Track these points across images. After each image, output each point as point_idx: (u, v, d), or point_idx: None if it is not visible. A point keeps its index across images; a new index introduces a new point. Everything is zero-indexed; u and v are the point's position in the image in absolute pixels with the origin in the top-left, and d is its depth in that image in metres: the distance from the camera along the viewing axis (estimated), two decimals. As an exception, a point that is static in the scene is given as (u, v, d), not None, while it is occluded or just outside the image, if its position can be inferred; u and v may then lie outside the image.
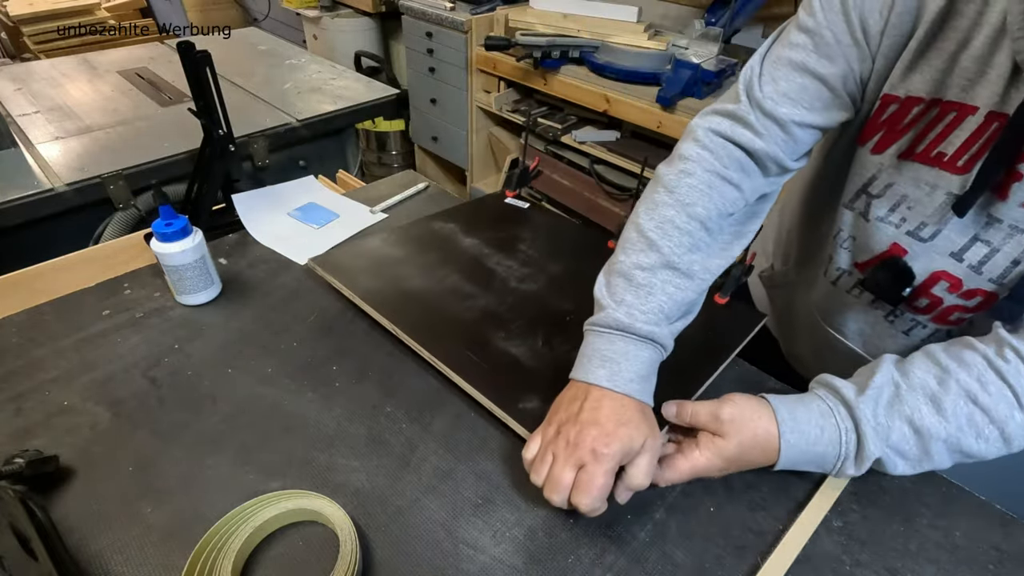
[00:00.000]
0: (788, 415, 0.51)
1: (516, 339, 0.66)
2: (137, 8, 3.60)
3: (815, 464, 0.52)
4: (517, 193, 0.95)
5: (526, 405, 0.58)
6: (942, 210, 0.51)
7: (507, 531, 0.51)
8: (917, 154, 0.51)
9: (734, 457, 0.51)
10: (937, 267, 0.53)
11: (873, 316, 0.62)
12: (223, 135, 0.88)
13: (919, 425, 0.48)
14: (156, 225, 0.69)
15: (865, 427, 0.49)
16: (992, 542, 0.52)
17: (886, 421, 0.49)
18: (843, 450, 0.50)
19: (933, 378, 0.49)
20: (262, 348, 0.68)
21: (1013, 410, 0.47)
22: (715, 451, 0.51)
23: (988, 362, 0.48)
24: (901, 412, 0.49)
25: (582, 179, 1.94)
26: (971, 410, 0.48)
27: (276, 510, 0.49)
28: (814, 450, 0.50)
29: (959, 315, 0.55)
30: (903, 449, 0.49)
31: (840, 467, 0.51)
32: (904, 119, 0.51)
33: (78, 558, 0.47)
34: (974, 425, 0.48)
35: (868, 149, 0.54)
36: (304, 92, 1.55)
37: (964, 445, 0.48)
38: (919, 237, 0.53)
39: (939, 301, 0.55)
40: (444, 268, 0.77)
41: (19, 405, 0.60)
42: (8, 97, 1.43)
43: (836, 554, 0.51)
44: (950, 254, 0.52)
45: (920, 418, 0.48)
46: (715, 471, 0.51)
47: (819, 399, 0.52)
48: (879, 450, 0.49)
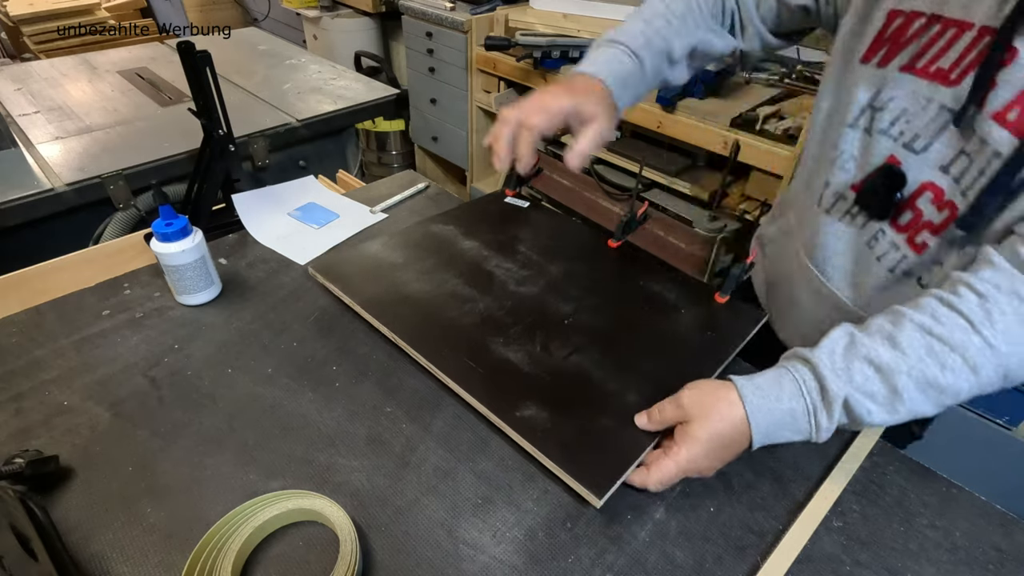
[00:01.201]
0: (747, 381, 0.51)
1: (514, 344, 0.66)
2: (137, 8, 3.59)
3: (790, 427, 0.50)
4: (517, 192, 0.95)
5: (523, 413, 0.58)
6: (935, 123, 0.53)
7: (507, 531, 0.51)
8: (917, 68, 0.54)
9: (708, 438, 0.50)
10: (926, 178, 0.55)
11: (856, 244, 0.64)
12: (223, 135, 0.88)
13: (879, 363, 0.48)
14: (156, 225, 0.69)
15: (823, 370, 0.49)
16: (992, 542, 0.52)
17: (844, 363, 0.49)
18: (808, 401, 0.49)
19: (887, 321, 0.50)
20: (262, 348, 0.68)
21: (969, 335, 0.47)
22: (689, 438, 0.51)
23: (940, 299, 0.49)
24: (858, 354, 0.49)
25: (582, 179, 1.94)
26: (928, 341, 0.47)
27: (276, 510, 0.49)
28: (780, 408, 0.49)
29: (925, 236, 0.57)
30: (869, 390, 0.48)
31: (815, 422, 0.49)
32: (906, 33, 0.54)
33: (78, 558, 0.47)
34: (934, 354, 0.47)
35: (873, 64, 0.57)
36: (304, 92, 1.55)
37: (930, 377, 0.47)
38: (913, 149, 0.55)
39: (919, 215, 0.57)
40: (443, 272, 0.77)
41: (19, 405, 0.60)
42: (8, 97, 1.43)
43: (836, 554, 0.51)
44: (939, 167, 0.54)
45: (878, 356, 0.48)
46: (701, 460, 0.51)
47: (777, 365, 0.52)
48: (842, 389, 0.48)
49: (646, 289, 0.76)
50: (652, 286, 0.76)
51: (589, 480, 0.52)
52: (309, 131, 1.41)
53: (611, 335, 0.68)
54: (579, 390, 0.61)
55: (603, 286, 0.76)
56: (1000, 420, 1.28)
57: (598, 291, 0.75)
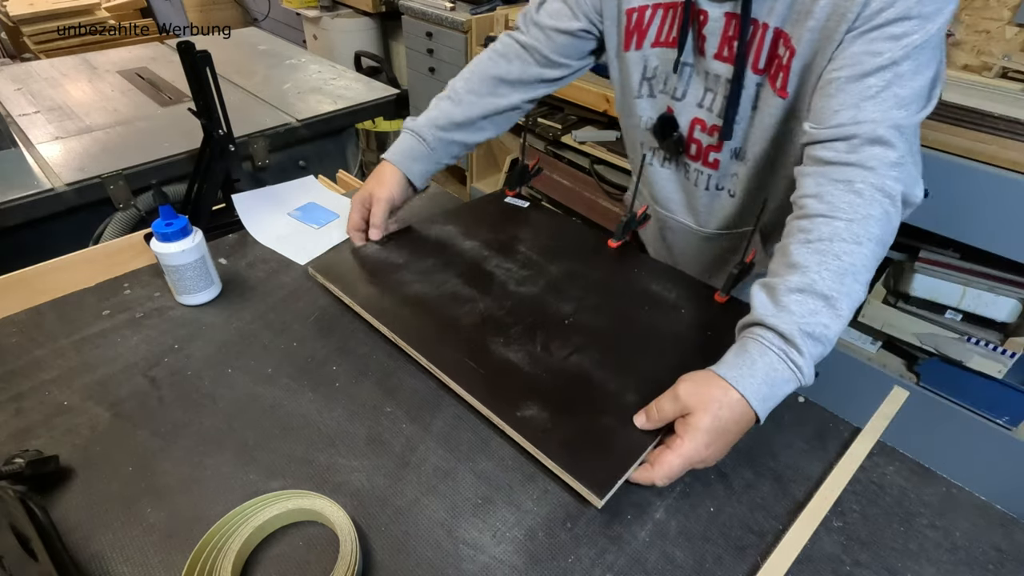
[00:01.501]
0: (722, 367, 0.54)
1: (515, 344, 0.66)
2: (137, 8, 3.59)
3: (779, 379, 0.52)
4: (517, 192, 0.95)
5: (524, 413, 0.58)
6: (681, 75, 0.74)
7: (507, 531, 0.51)
8: (661, 42, 0.74)
9: (710, 426, 0.51)
10: (691, 115, 0.76)
11: (678, 179, 0.85)
12: (223, 135, 0.88)
13: (798, 286, 0.54)
14: (156, 225, 0.69)
15: (768, 320, 0.53)
16: (992, 542, 0.52)
17: (776, 306, 0.54)
18: (774, 349, 0.52)
19: (779, 259, 0.58)
20: (262, 348, 0.68)
21: (832, 224, 0.55)
22: (691, 429, 0.51)
23: (796, 219, 0.58)
24: (779, 292, 0.54)
25: (582, 179, 1.94)
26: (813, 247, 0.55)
27: (276, 510, 0.49)
28: (759, 369, 0.52)
29: (714, 155, 0.77)
30: (809, 308, 0.53)
31: (792, 363, 0.52)
32: (643, 22, 0.74)
33: (78, 558, 0.47)
34: (824, 252, 0.54)
35: (633, 49, 0.76)
36: (304, 92, 1.55)
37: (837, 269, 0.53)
38: (676, 97, 0.76)
39: (700, 143, 0.77)
40: (443, 272, 0.77)
41: (19, 405, 0.60)
42: (8, 97, 1.43)
43: (836, 554, 0.51)
44: (697, 104, 0.75)
45: (793, 283, 0.54)
46: (704, 450, 0.51)
47: (735, 344, 0.57)
48: (792, 322, 0.52)
49: (646, 289, 0.76)
50: (652, 286, 0.76)
51: (590, 480, 0.52)
52: (309, 131, 1.41)
53: (611, 335, 0.68)
54: (580, 390, 0.61)
55: (603, 286, 0.76)
56: (1000, 420, 1.28)
57: (598, 291, 0.75)
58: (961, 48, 1.49)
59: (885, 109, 0.56)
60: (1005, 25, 1.40)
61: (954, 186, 1.13)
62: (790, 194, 0.65)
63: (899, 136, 0.56)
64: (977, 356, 1.25)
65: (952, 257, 1.27)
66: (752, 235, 0.72)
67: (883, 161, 0.56)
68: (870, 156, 0.56)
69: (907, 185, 0.57)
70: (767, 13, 0.64)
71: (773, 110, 0.68)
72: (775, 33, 0.64)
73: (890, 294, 1.37)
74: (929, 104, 0.58)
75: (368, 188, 0.82)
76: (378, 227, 0.81)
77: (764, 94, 0.69)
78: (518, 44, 0.84)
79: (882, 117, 0.56)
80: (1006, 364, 1.22)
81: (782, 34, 0.64)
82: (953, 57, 1.51)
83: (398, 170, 0.83)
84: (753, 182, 0.77)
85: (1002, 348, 1.23)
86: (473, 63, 0.86)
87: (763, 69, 0.67)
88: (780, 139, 0.70)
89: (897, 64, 0.56)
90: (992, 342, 1.24)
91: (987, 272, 1.22)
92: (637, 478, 0.53)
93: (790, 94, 0.66)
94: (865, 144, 0.56)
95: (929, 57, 0.56)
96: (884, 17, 0.56)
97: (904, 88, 0.56)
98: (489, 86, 0.84)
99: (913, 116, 0.57)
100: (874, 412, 0.63)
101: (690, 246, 0.90)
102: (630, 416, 0.57)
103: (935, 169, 1.13)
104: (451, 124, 0.84)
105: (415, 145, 0.84)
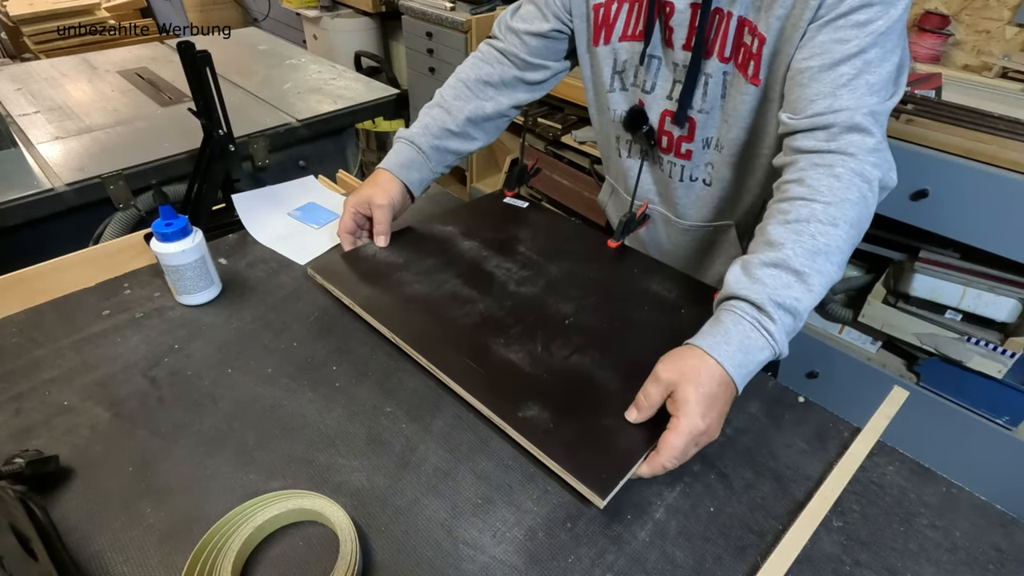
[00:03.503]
0: (698, 339, 0.55)
1: (515, 345, 0.66)
2: (137, 8, 3.59)
3: (753, 347, 0.54)
4: (516, 192, 0.95)
5: (525, 413, 0.58)
6: (651, 69, 0.75)
7: (507, 531, 0.51)
8: (628, 36, 0.75)
9: (698, 396, 0.51)
10: (661, 108, 0.77)
11: (654, 171, 0.86)
12: (223, 135, 0.89)
13: (773, 261, 0.55)
14: (156, 225, 0.69)
15: (741, 292, 0.55)
16: (992, 542, 0.52)
17: (750, 279, 0.56)
18: (748, 318, 0.54)
19: (758, 237, 0.59)
20: (262, 348, 0.68)
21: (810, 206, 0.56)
22: (682, 403, 0.52)
23: (777, 201, 0.60)
24: (754, 267, 0.56)
25: (582, 179, 1.94)
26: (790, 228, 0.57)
27: (276, 510, 0.49)
28: (733, 338, 0.54)
29: (685, 146, 0.78)
30: (781, 282, 0.54)
31: (764, 331, 0.54)
32: (609, 16, 0.75)
33: (78, 558, 0.47)
34: (800, 232, 0.56)
35: (602, 44, 0.78)
36: (304, 92, 1.55)
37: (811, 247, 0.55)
38: (646, 90, 0.77)
39: (670, 135, 0.78)
40: (443, 273, 0.77)
41: (19, 405, 0.60)
42: (8, 97, 1.43)
43: (836, 554, 0.51)
44: (666, 97, 0.76)
45: (768, 258, 0.56)
46: (700, 421, 0.51)
47: (712, 317, 0.58)
48: (763, 293, 0.54)
49: (646, 289, 0.76)
50: (652, 286, 0.76)
51: (592, 480, 0.52)
52: (309, 131, 1.41)
53: (612, 335, 0.68)
54: (581, 390, 0.61)
55: (603, 286, 0.76)
56: (1000, 420, 1.28)
57: (598, 291, 0.75)
58: (961, 48, 1.49)
59: (859, 96, 0.58)
60: (1005, 25, 1.41)
61: (954, 186, 1.13)
62: (766, 183, 0.68)
63: (874, 123, 0.58)
64: (977, 356, 1.25)
65: (952, 257, 1.27)
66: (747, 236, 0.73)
67: (862, 147, 0.58)
68: (849, 143, 0.58)
69: (883, 170, 0.59)
70: (730, 2, 0.65)
71: (746, 97, 0.69)
72: (739, 21, 0.66)
73: (890, 294, 1.37)
74: (897, 91, 0.61)
75: (365, 194, 0.80)
76: (385, 233, 0.80)
77: (734, 82, 0.70)
78: (496, 50, 0.86)
79: (857, 104, 0.58)
80: (1006, 364, 1.22)
81: (746, 22, 0.65)
82: (953, 57, 1.51)
83: (396, 179, 0.82)
84: (729, 171, 0.78)
85: (1002, 348, 1.23)
86: (457, 71, 0.88)
87: (729, 57, 0.69)
88: (755, 127, 0.72)
89: (865, 52, 0.58)
90: (992, 342, 1.24)
91: (987, 272, 1.22)
92: (645, 471, 0.53)
93: (762, 81, 0.67)
94: (844, 132, 0.58)
95: (894, 44, 0.58)
96: (848, 5, 0.58)
97: (873, 75, 0.58)
98: (474, 90, 0.85)
99: (885, 103, 0.59)
100: (874, 412, 0.63)
101: (671, 239, 0.92)
102: (630, 416, 0.57)
103: (935, 169, 1.13)
104: (444, 132, 0.84)
105: (412, 154, 0.84)
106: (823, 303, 1.47)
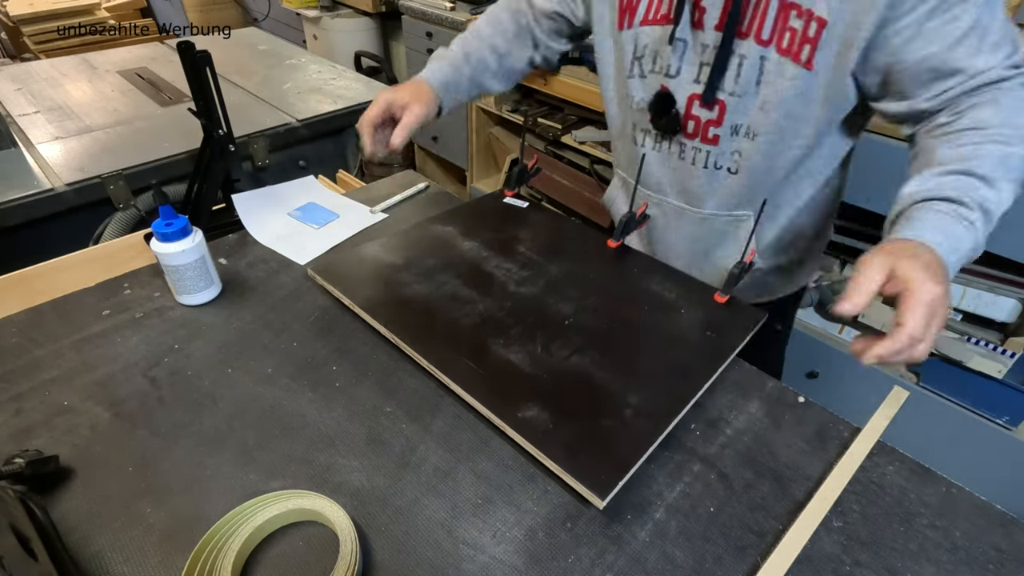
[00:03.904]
0: (892, 233, 0.57)
1: (515, 345, 0.66)
2: (137, 8, 3.59)
3: (958, 236, 0.55)
4: (516, 192, 0.95)
5: (525, 414, 0.58)
6: (676, 52, 0.72)
7: (507, 531, 0.51)
8: (650, 19, 0.73)
9: (924, 265, 0.51)
10: (688, 92, 0.74)
11: (671, 160, 0.81)
12: (223, 135, 0.89)
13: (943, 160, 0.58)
14: (156, 225, 0.69)
15: (921, 192, 0.57)
16: (992, 542, 0.52)
17: (922, 183, 0.58)
18: (940, 210, 0.55)
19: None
20: (262, 348, 0.68)
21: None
22: (909, 278, 0.50)
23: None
24: (930, 175, 0.58)
25: (582, 179, 1.94)
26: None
27: (276, 510, 0.49)
28: (929, 224, 0.55)
29: (713, 131, 0.75)
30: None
31: (966, 219, 0.55)
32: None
33: (78, 558, 0.47)
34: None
35: (626, 27, 0.76)
36: (304, 92, 1.55)
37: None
38: (670, 75, 0.74)
39: (698, 119, 0.75)
40: (443, 273, 0.77)
41: (19, 405, 0.60)
42: (8, 97, 1.43)
43: (836, 554, 0.51)
44: (694, 80, 0.73)
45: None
46: (937, 288, 0.49)
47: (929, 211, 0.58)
48: (940, 183, 0.56)
49: (646, 289, 0.76)
50: (652, 286, 0.76)
51: (592, 481, 0.52)
52: (309, 131, 1.41)
53: (612, 335, 0.68)
54: (580, 391, 0.61)
55: (603, 286, 0.76)
56: (1000, 420, 1.28)
57: (598, 291, 0.75)
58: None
59: (989, 55, 0.58)
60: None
61: (954, 186, 1.12)
62: (793, 175, 0.69)
63: (1017, 70, 0.59)
64: (977, 356, 1.25)
65: (952, 257, 1.27)
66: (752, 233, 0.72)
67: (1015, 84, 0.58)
68: (999, 86, 0.59)
69: None
70: None
71: (794, 83, 0.66)
72: (782, 4, 0.63)
73: (890, 294, 1.37)
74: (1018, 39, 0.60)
75: (403, 98, 0.81)
76: (404, 138, 0.80)
77: (777, 68, 0.66)
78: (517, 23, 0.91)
79: (995, 62, 0.58)
80: (1006, 364, 1.22)
81: (793, 6, 0.63)
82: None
83: (436, 95, 0.84)
84: (760, 159, 0.74)
85: (1002, 348, 1.23)
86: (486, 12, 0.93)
87: (768, 40, 0.65)
88: (796, 114, 0.69)
89: (979, 21, 0.57)
90: (992, 342, 1.24)
91: (987, 272, 1.22)
92: (883, 350, 0.49)
93: (815, 67, 0.64)
94: (987, 86, 0.59)
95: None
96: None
97: (995, 35, 0.58)
98: (512, 41, 0.90)
99: (1012, 56, 0.59)
100: (874, 412, 0.63)
101: (678, 231, 0.88)
102: (631, 416, 0.57)
103: (935, 169, 1.13)
104: (485, 70, 0.89)
105: (455, 78, 0.87)
106: (822, 303, 1.47)
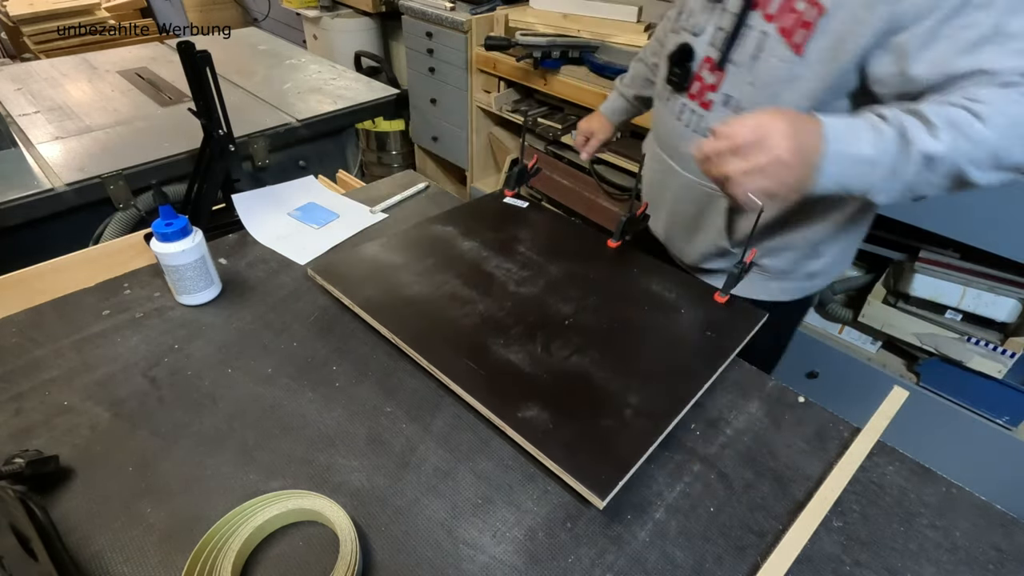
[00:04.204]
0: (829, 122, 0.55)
1: (515, 345, 0.66)
2: (137, 8, 3.59)
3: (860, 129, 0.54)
4: (516, 192, 0.95)
5: (525, 414, 0.58)
6: (704, 13, 0.75)
7: (507, 531, 0.51)
8: None
9: (784, 119, 0.54)
10: (704, 54, 0.76)
11: (671, 119, 0.83)
12: (223, 135, 0.88)
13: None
14: (156, 225, 0.69)
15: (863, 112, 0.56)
16: (992, 542, 0.52)
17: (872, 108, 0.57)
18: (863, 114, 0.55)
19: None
20: (262, 348, 0.68)
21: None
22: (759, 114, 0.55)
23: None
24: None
25: (582, 179, 1.94)
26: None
27: (276, 510, 0.49)
28: (843, 118, 0.55)
29: (708, 96, 0.76)
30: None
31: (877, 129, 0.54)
32: None
33: (78, 558, 0.47)
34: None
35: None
36: (304, 92, 1.55)
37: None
38: (695, 34, 0.77)
39: (703, 80, 0.77)
40: (443, 273, 0.77)
41: (19, 405, 0.60)
42: (8, 97, 1.43)
43: (836, 554, 0.51)
44: (710, 44, 0.75)
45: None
46: (773, 121, 0.54)
47: None
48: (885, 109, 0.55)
49: (646, 289, 0.76)
50: (652, 286, 0.76)
51: (592, 481, 0.52)
52: (309, 131, 1.41)
53: (612, 336, 0.68)
54: (580, 391, 0.61)
55: (603, 286, 0.76)
56: (1000, 420, 1.28)
57: (598, 291, 0.75)
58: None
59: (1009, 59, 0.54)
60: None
61: (954, 186, 1.12)
62: None
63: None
64: (977, 356, 1.24)
65: (952, 257, 1.27)
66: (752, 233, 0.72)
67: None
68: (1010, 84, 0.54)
69: None
70: None
71: (782, 64, 0.66)
72: None
73: (890, 294, 1.37)
74: None
75: (592, 126, 1.07)
76: (591, 153, 1.08)
77: (770, 45, 0.67)
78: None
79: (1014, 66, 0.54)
80: (1006, 364, 1.22)
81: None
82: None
83: (607, 119, 1.07)
84: None
85: (1002, 348, 1.23)
86: None
87: (772, 16, 0.66)
88: (782, 98, 0.68)
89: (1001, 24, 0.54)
90: (992, 342, 1.24)
91: (987, 272, 1.22)
92: (706, 147, 0.57)
93: (805, 53, 0.64)
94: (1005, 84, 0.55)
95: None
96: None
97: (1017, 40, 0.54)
98: (653, 42, 0.99)
99: None
100: (874, 412, 0.63)
101: (665, 190, 0.90)
102: (631, 416, 0.57)
103: (935, 169, 1.13)
104: (645, 82, 1.02)
105: (622, 104, 1.06)
106: (823, 303, 1.47)
